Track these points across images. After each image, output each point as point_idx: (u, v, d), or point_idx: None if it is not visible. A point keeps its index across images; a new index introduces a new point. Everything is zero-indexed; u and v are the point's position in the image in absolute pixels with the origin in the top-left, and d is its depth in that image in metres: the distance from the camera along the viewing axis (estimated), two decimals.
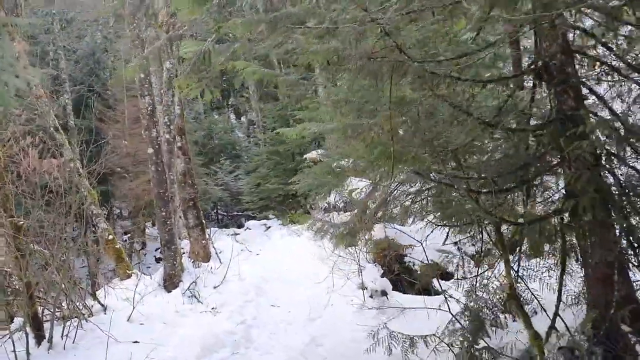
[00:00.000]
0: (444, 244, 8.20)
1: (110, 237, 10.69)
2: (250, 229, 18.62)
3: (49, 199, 7.20)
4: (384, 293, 7.27)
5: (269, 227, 18.36)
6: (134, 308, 7.61)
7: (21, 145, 7.42)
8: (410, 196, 11.55)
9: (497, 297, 5.01)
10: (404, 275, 8.24)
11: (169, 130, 10.93)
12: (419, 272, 8.07)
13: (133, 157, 17.64)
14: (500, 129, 3.83)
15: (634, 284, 3.77)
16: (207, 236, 12.69)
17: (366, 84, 4.86)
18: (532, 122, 4.34)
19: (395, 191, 12.34)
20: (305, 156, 18.82)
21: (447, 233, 7.90)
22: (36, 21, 18.64)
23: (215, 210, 22.51)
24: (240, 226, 20.22)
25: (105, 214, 11.54)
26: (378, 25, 3.81)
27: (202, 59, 5.31)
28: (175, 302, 8.48)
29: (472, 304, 5.07)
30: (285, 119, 19.48)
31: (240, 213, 22.18)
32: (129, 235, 18.25)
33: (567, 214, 3.92)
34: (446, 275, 8.14)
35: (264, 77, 4.92)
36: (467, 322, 5.09)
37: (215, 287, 9.37)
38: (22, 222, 6.44)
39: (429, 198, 10.61)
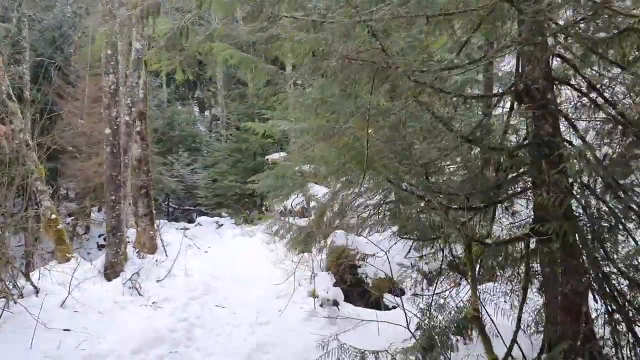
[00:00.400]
0: (405, 257, 8.11)
1: (53, 216, 10.18)
2: (201, 224, 18.22)
3: None
4: (335, 303, 7.09)
5: (221, 225, 18.01)
6: (69, 293, 7.19)
7: None
8: (368, 208, 11.47)
9: (452, 317, 4.92)
10: (354, 287, 8.11)
11: (130, 112, 10.55)
12: (371, 285, 7.95)
13: (88, 137, 17.02)
14: (478, 145, 3.73)
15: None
16: (156, 227, 12.29)
17: (344, 86, 4.72)
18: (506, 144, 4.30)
19: (355, 201, 12.25)
20: (267, 157, 18.61)
21: (410, 247, 7.83)
22: None
23: (166, 202, 21.98)
24: (190, 221, 19.80)
25: (50, 192, 11.00)
26: (366, 25, 3.68)
27: (179, 34, 5.04)
28: (114, 291, 8.08)
29: (426, 321, 4.97)
30: (251, 117, 19.22)
31: (192, 208, 21.72)
32: (73, 217, 17.55)
33: (533, 240, 3.86)
34: (398, 292, 8.06)
35: (242, 61, 4.68)
36: (420, 341, 4.99)
37: (158, 281, 9.00)
38: None
39: (386, 212, 10.56)
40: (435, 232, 4.42)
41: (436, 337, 4.96)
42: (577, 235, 3.52)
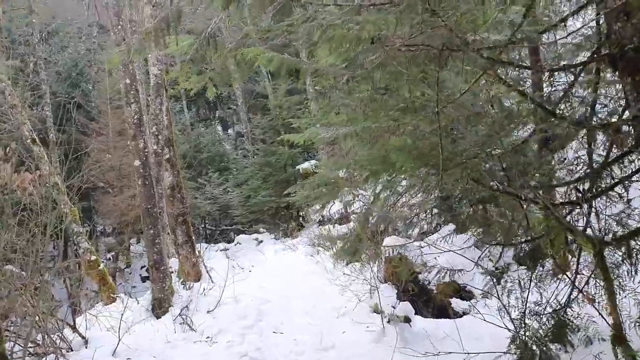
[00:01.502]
0: (495, 265, 7.37)
1: (93, 257, 9.74)
2: (240, 243, 17.71)
3: (23, 218, 6.28)
4: (406, 319, 6.40)
5: (261, 242, 17.45)
6: (119, 340, 6.65)
7: None
8: (414, 207, 10.69)
9: (552, 324, 4.20)
10: (418, 296, 7.41)
11: (157, 140, 10.03)
12: (435, 291, 7.23)
13: (117, 171, 16.65)
14: (585, 127, 3.02)
15: None
16: (198, 253, 11.77)
17: (394, 79, 4.06)
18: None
19: (397, 202, 11.48)
20: (297, 167, 18.03)
21: (501, 253, 7.12)
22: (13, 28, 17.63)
23: (203, 225, 21.55)
24: (229, 241, 19.31)
25: (87, 232, 10.59)
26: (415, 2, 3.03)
27: (207, 43, 4.46)
28: (165, 330, 7.52)
29: (521, 332, 4.27)
30: (276, 129, 18.69)
31: (229, 227, 21.24)
32: (113, 253, 17.19)
33: None
34: (465, 295, 7.34)
35: (283, 64, 4.09)
36: (516, 355, 4.29)
37: (209, 312, 8.42)
38: None
39: (434, 210, 9.82)
40: (526, 233, 3.71)
41: (535, 348, 4.27)
42: None
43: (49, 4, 23.29)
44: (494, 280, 7.24)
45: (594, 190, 3.22)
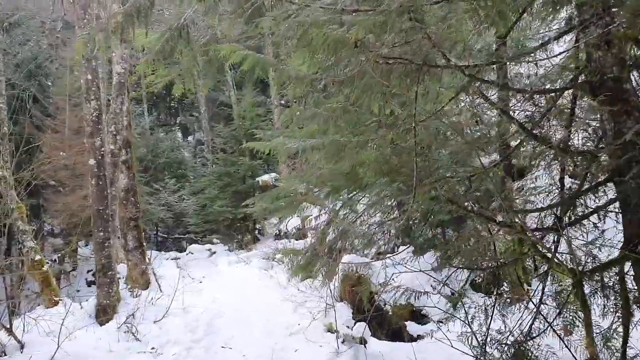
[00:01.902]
0: (463, 288, 7.24)
1: (38, 257, 9.17)
2: (192, 253, 17.19)
3: None
4: (362, 340, 6.19)
5: (214, 253, 17.00)
6: (58, 346, 6.19)
7: None
8: (372, 227, 10.49)
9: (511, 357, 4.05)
10: (372, 317, 7.21)
11: (115, 141, 9.61)
12: (390, 313, 7.06)
13: (71, 170, 15.95)
14: (559, 149, 2.92)
15: None
16: (148, 260, 11.30)
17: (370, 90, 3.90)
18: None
19: (356, 220, 11.30)
20: (257, 179, 17.74)
21: (468, 277, 7.00)
22: None
23: (155, 232, 20.87)
24: (181, 250, 18.75)
25: (34, 231, 10.00)
26: (404, 9, 2.88)
27: (178, 35, 4.17)
28: (109, 338, 7.08)
29: None
30: (237, 139, 18.38)
31: (182, 236, 20.65)
32: (59, 255, 16.40)
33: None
34: (420, 318, 7.20)
35: (257, 64, 3.85)
36: None
37: (156, 322, 8.01)
38: None
39: (392, 230, 9.64)
40: (492, 259, 3.57)
41: None
42: None
43: None
44: (452, 305, 7.14)
45: (568, 218, 3.12)
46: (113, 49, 9.60)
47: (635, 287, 3.08)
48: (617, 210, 3.16)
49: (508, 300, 3.98)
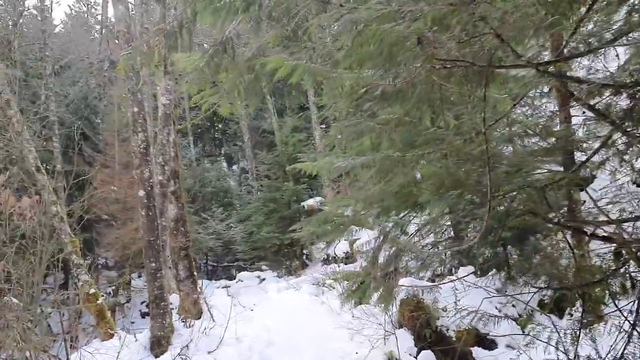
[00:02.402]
0: (530, 309, 6.76)
1: (92, 290, 9.17)
2: (242, 281, 17.08)
3: (20, 246, 5.78)
4: None
5: (263, 279, 16.83)
6: None
7: None
8: (427, 248, 10.03)
9: None
10: (435, 344, 6.78)
11: (163, 171, 9.59)
12: (454, 338, 6.62)
13: (122, 203, 16.17)
14: None
15: None
16: (199, 290, 11.18)
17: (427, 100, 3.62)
18: None
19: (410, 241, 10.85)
20: (302, 204, 17.57)
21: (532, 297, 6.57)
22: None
23: (204, 261, 20.92)
24: (230, 278, 18.68)
25: (88, 264, 10.05)
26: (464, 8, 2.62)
27: (223, 50, 4.01)
28: None
29: None
30: (281, 164, 18.32)
31: (231, 264, 20.62)
32: (113, 287, 16.54)
33: None
34: (487, 344, 6.72)
35: (308, 74, 3.62)
36: None
37: (210, 352, 7.81)
38: None
39: (447, 250, 9.19)
40: (578, 275, 3.19)
41: None
42: None
43: (62, 39, 23.34)
44: (521, 327, 6.64)
45: None
46: (157, 81, 9.68)
47: None
48: None
49: (591, 321, 3.57)
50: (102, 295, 10.55)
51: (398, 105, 3.84)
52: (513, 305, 6.84)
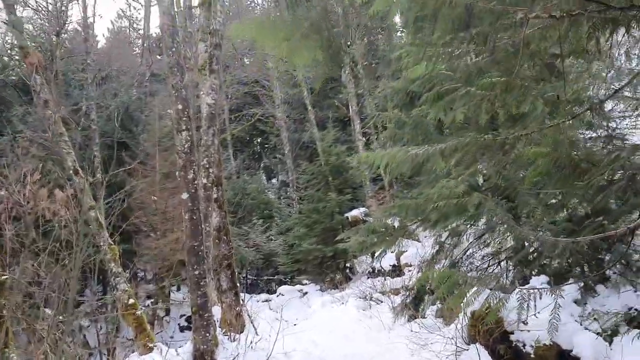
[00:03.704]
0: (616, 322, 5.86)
1: (131, 301, 8.64)
2: (283, 294, 16.43)
3: (54, 247, 5.25)
4: None
5: (306, 293, 16.14)
6: None
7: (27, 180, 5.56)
8: (487, 258, 9.18)
9: None
10: None
11: (208, 174, 9.04)
12: (533, 356, 5.76)
13: (162, 214, 15.79)
14: None
15: None
16: (242, 302, 10.57)
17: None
18: None
19: (468, 250, 9.99)
20: (346, 215, 16.87)
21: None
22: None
23: (244, 274, 20.37)
24: (270, 292, 18.07)
25: (128, 276, 9.59)
26: None
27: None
28: None
29: None
30: (324, 175, 17.69)
31: (271, 277, 20.01)
32: (152, 300, 16.11)
33: None
34: None
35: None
36: None
37: None
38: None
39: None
40: None
41: None
42: None
43: (105, 53, 23.46)
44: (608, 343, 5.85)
45: None
46: (201, 80, 9.21)
47: None
48: None
49: None
50: (141, 308, 10.05)
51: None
52: (595, 319, 5.94)
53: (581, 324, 5.82)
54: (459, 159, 3.97)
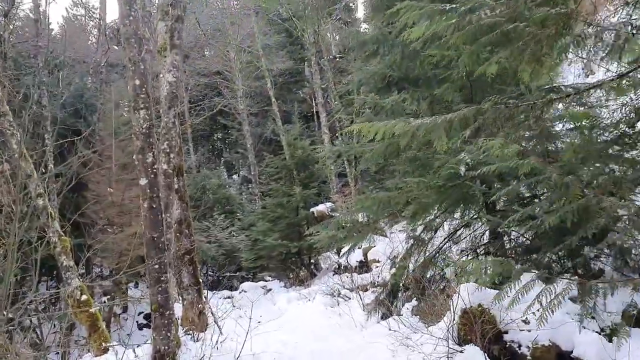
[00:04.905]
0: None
1: (84, 297, 7.78)
2: (245, 291, 15.69)
3: None
4: None
5: (270, 290, 15.46)
6: None
7: None
8: (465, 252, 8.91)
9: None
10: None
11: (169, 160, 8.23)
12: (529, 357, 5.25)
13: (119, 206, 14.78)
14: None
15: None
16: (204, 299, 9.77)
17: None
18: None
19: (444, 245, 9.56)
20: (312, 210, 16.27)
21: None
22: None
23: (205, 271, 19.50)
24: (232, 288, 17.29)
25: (82, 272, 8.70)
26: None
27: None
28: None
29: None
30: (289, 169, 17.02)
31: (233, 274, 19.20)
32: (108, 297, 15.10)
33: None
34: None
35: None
36: None
37: None
38: None
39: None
40: None
41: None
42: None
43: (59, 41, 22.15)
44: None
45: None
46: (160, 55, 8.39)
47: None
48: None
49: None
50: (97, 306, 9.15)
51: None
52: (593, 317, 5.49)
53: (581, 323, 5.35)
54: (473, 131, 3.38)
